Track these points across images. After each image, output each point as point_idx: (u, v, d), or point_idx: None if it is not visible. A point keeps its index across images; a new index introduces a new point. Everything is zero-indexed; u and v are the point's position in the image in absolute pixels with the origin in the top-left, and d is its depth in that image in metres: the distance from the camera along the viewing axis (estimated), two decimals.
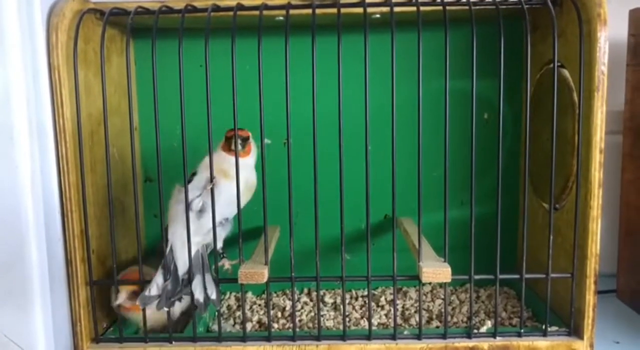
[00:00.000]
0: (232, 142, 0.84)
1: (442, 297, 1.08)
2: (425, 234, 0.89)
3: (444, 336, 0.85)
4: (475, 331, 0.87)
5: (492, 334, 0.86)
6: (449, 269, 0.82)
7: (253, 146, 0.89)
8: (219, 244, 0.86)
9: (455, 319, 1.00)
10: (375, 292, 1.11)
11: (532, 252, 0.95)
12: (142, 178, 1.13)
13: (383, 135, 0.87)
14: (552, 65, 0.95)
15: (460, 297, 1.08)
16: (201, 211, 0.84)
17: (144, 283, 0.86)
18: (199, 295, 0.84)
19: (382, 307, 1.05)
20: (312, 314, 1.03)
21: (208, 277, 0.86)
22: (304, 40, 0.84)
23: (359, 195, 0.90)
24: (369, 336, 0.86)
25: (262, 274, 0.82)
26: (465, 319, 1.00)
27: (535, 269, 0.88)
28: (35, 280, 0.79)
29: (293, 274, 0.86)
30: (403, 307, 1.05)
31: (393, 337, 0.86)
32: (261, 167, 0.83)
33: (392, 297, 1.08)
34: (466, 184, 0.96)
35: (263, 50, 0.81)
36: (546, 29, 0.96)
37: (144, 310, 0.85)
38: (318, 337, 0.86)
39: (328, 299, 1.09)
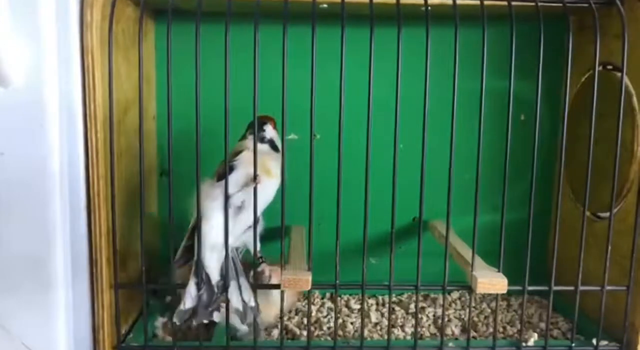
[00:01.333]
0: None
1: (474, 305, 1.04)
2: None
3: (492, 349, 0.81)
4: (524, 345, 0.83)
5: (542, 347, 0.82)
6: (505, 280, 0.77)
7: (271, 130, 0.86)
8: (257, 246, 0.80)
9: (490, 329, 0.95)
10: (402, 299, 1.06)
11: (571, 262, 0.92)
12: (158, 171, 1.06)
13: (412, 134, 0.83)
14: (602, 68, 0.92)
15: (491, 305, 1.04)
16: (240, 209, 0.78)
17: (176, 287, 0.79)
18: (237, 304, 0.78)
19: (413, 315, 1.00)
20: (340, 320, 0.98)
21: (244, 283, 0.79)
22: (332, 30, 0.79)
23: (386, 196, 0.85)
24: (414, 347, 0.81)
25: (307, 280, 0.76)
26: (500, 329, 0.96)
27: (574, 281, 0.84)
28: (59, 283, 0.72)
29: (338, 282, 0.80)
30: (434, 315, 1.00)
31: (440, 349, 0.81)
32: (310, 162, 0.78)
33: (420, 304, 1.04)
34: (499, 188, 0.93)
35: (293, 38, 0.76)
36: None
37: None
38: (360, 348, 0.80)
39: (353, 304, 1.04)
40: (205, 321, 0.78)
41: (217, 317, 0.79)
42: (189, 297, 0.77)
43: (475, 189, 0.80)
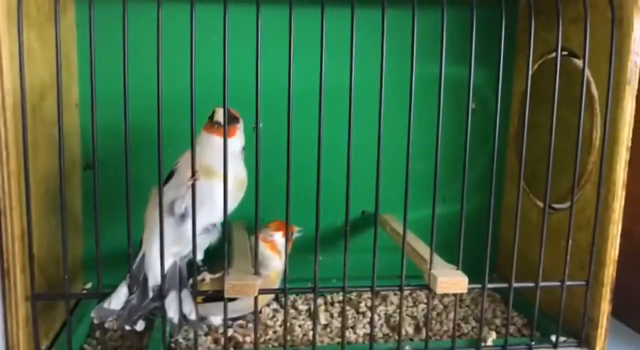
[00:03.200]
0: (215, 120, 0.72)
1: (425, 301, 1.00)
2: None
3: None
4: (483, 344, 0.79)
5: (501, 347, 0.78)
6: (466, 279, 0.73)
7: (240, 130, 0.76)
8: (199, 256, 0.72)
9: (445, 327, 0.91)
10: (352, 297, 1.01)
11: (524, 254, 0.89)
12: (82, 165, 0.95)
13: (360, 123, 0.75)
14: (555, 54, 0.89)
15: (443, 301, 1.00)
16: (184, 216, 0.70)
17: (103, 295, 0.70)
18: (173, 315, 0.69)
19: (364, 314, 0.95)
20: (288, 324, 0.91)
21: (185, 294, 0.71)
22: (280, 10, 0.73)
23: (333, 188, 0.79)
24: None
25: (253, 286, 0.69)
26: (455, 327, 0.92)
27: (526, 274, 0.81)
28: None
29: (287, 285, 0.74)
30: (386, 313, 0.95)
31: None
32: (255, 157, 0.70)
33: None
34: (449, 179, 0.89)
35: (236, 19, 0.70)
36: (552, 14, 0.89)
37: None
38: None
39: (301, 305, 0.97)
40: (128, 328, 0.69)
41: (140, 326, 0.70)
42: (116, 298, 0.69)
43: (434, 180, 0.75)
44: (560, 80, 0.74)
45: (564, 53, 0.86)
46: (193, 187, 0.68)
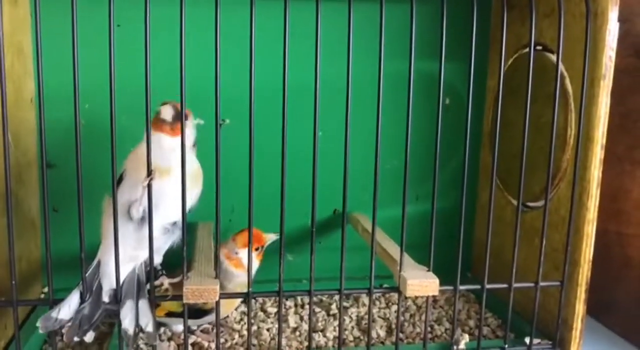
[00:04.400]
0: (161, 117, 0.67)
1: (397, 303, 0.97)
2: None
3: None
4: (455, 348, 0.77)
5: None
6: (437, 281, 0.70)
7: (190, 123, 0.72)
8: (158, 259, 0.68)
9: (417, 329, 0.89)
10: (323, 298, 0.98)
11: (498, 253, 0.87)
12: (39, 163, 0.91)
13: (330, 120, 0.76)
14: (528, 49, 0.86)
15: (417, 302, 0.98)
16: (143, 219, 0.66)
17: (54, 303, 0.66)
18: (128, 326, 0.65)
19: (334, 317, 0.92)
20: (255, 327, 0.87)
21: (143, 304, 0.67)
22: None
23: (304, 187, 0.76)
24: None
25: (213, 290, 0.66)
26: (429, 329, 0.89)
27: (500, 273, 0.79)
28: None
29: (250, 290, 0.70)
30: (358, 316, 0.92)
31: None
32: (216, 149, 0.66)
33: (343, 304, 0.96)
34: (422, 177, 0.87)
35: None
36: (525, 8, 0.87)
37: None
38: None
39: (269, 307, 0.94)
40: (77, 339, 0.65)
41: (89, 337, 0.66)
42: (66, 307, 0.65)
43: (403, 179, 0.71)
44: (534, 76, 0.71)
45: (537, 48, 0.83)
46: (149, 187, 0.64)
